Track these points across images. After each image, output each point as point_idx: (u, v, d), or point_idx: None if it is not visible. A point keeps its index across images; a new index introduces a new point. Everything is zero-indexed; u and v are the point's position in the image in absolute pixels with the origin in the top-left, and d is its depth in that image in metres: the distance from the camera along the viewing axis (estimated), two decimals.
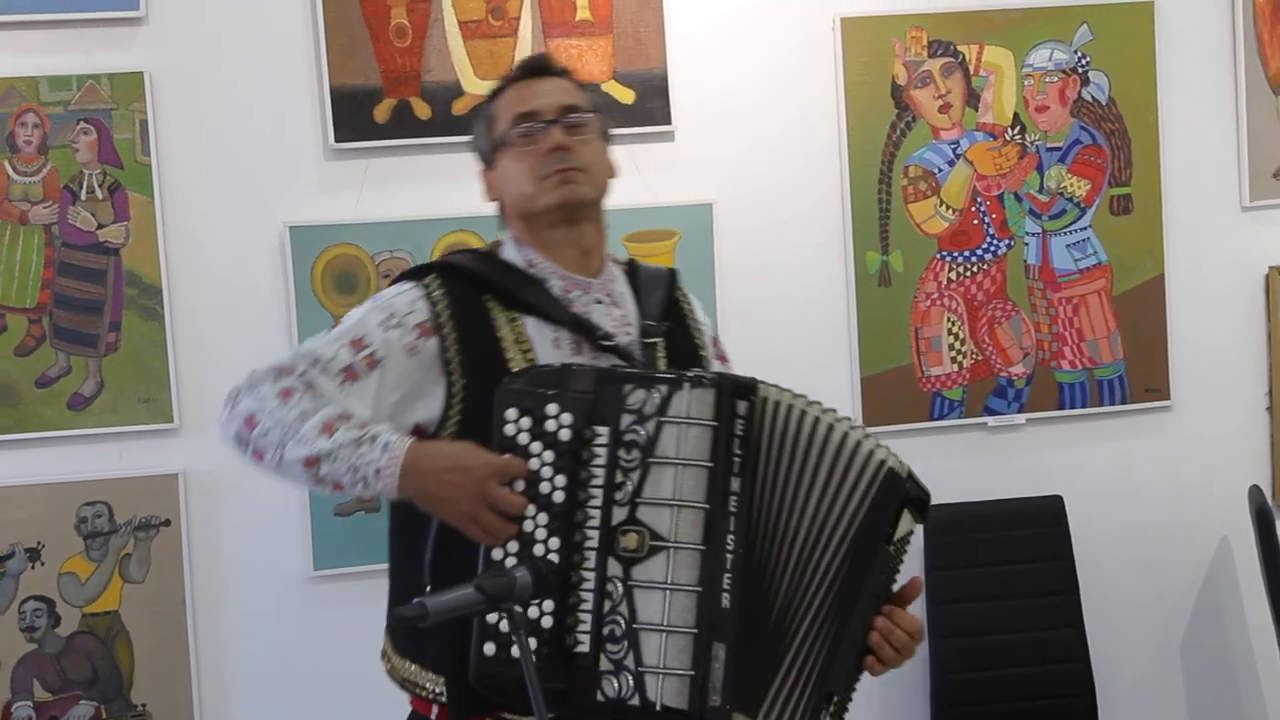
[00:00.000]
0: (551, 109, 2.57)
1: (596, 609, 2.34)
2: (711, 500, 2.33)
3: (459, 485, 2.34)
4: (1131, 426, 4.43)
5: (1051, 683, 4.23)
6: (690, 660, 2.31)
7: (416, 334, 2.49)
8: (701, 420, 2.33)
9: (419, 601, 2.14)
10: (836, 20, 4.21)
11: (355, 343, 2.47)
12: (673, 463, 2.33)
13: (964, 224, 4.30)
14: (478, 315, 2.52)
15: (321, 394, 2.42)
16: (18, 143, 3.89)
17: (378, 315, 2.50)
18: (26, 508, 3.91)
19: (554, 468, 2.36)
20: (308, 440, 2.37)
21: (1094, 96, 4.35)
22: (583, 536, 2.35)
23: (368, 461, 2.35)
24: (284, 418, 2.39)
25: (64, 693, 3.95)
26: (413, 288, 2.53)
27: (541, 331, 2.54)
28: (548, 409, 2.36)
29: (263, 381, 2.43)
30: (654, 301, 2.67)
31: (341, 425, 2.37)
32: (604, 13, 4.09)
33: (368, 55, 4.00)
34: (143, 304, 3.94)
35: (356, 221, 4.01)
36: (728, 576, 2.33)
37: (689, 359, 2.67)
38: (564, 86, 2.62)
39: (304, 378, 2.43)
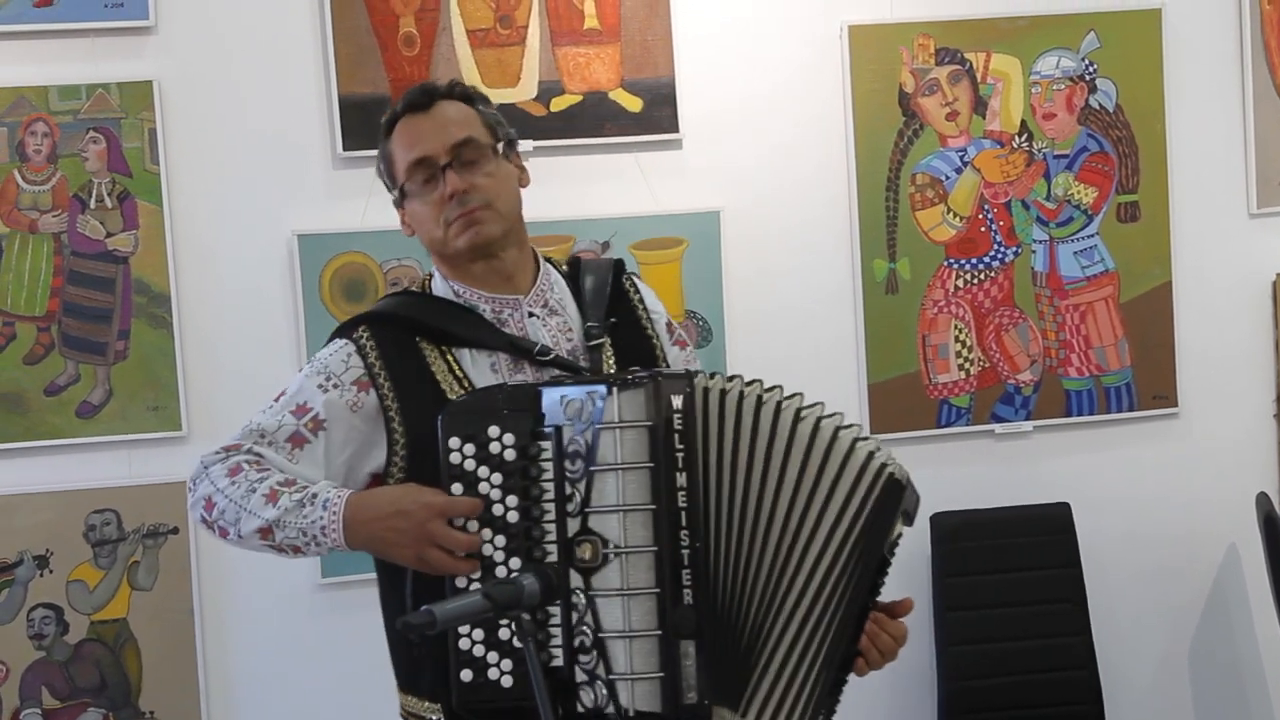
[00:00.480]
0: (442, 151, 2.53)
1: (565, 622, 2.35)
2: (657, 500, 2.32)
3: (402, 530, 2.37)
4: (1139, 434, 4.43)
5: (1059, 690, 4.23)
6: (658, 662, 2.31)
7: (355, 390, 2.52)
8: (636, 422, 2.32)
9: (427, 609, 2.15)
10: (844, 28, 4.22)
11: (298, 409, 2.52)
12: (614, 468, 2.32)
13: (971, 231, 4.30)
14: (410, 358, 2.53)
15: (267, 465, 2.47)
16: (27, 151, 3.90)
17: (316, 378, 2.54)
18: (35, 515, 3.92)
19: (503, 489, 2.36)
20: (256, 511, 2.43)
21: (1101, 104, 4.35)
22: (542, 553, 2.36)
23: (313, 521, 2.40)
24: (234, 493, 2.45)
25: (72, 700, 3.96)
26: (345, 344, 2.56)
27: (478, 360, 2.54)
28: (489, 431, 2.36)
29: (214, 464, 2.49)
30: (598, 301, 2.65)
31: (285, 491, 2.42)
32: (612, 21, 4.10)
33: (376, 64, 4.01)
34: (151, 312, 3.95)
35: (364, 230, 4.02)
36: (686, 573, 2.32)
37: (640, 352, 2.65)
38: (450, 118, 2.56)
39: (250, 453, 2.48)
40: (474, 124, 2.58)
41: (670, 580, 2.32)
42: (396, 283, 4.00)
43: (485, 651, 2.35)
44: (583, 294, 2.66)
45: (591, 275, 2.69)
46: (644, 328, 2.70)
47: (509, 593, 2.20)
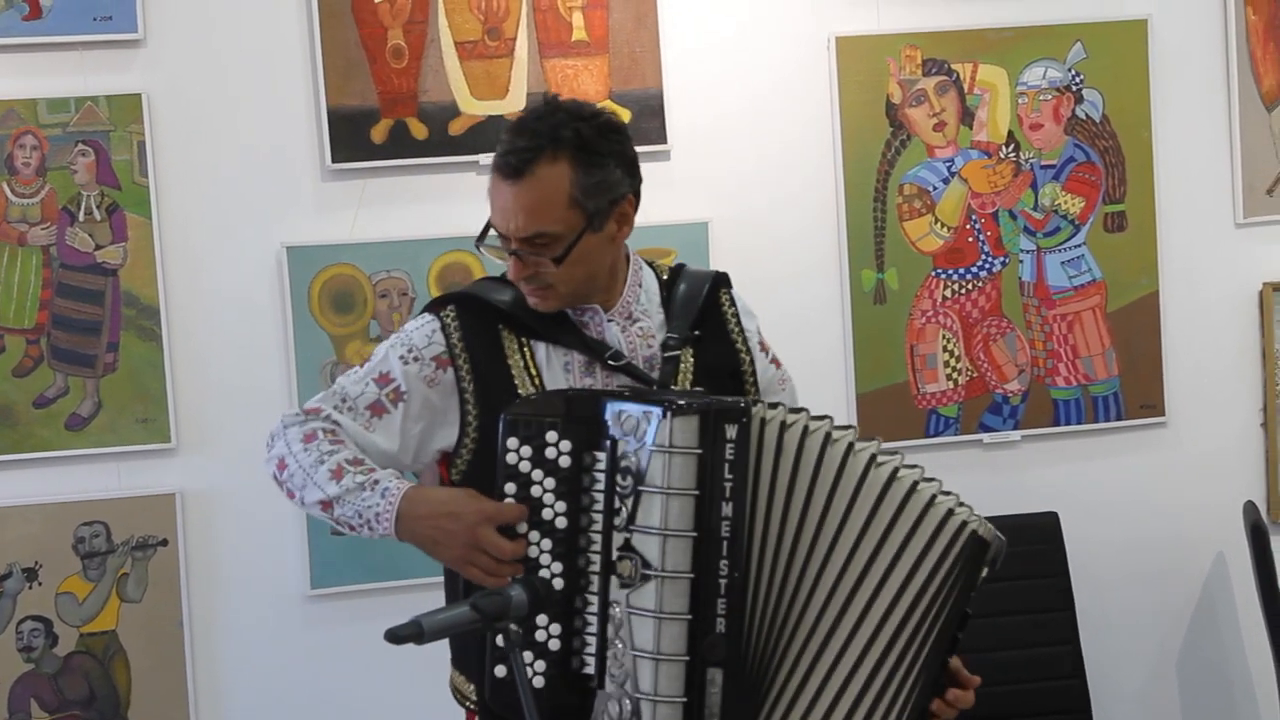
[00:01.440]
0: (513, 236, 2.51)
1: (600, 632, 2.37)
2: (700, 528, 2.33)
3: (451, 532, 2.41)
4: (1126, 443, 4.44)
5: (1047, 699, 4.23)
6: (683, 687, 2.33)
7: (434, 366, 2.56)
8: (686, 449, 2.33)
9: (415, 620, 2.16)
10: (831, 40, 4.23)
11: (381, 378, 2.57)
12: (660, 491, 2.33)
13: (959, 241, 4.31)
14: (490, 345, 2.56)
15: (343, 434, 2.55)
16: (16, 164, 3.90)
17: (399, 349, 2.58)
18: (24, 528, 3.91)
19: (555, 494, 2.40)
20: (321, 484, 2.49)
21: (1088, 114, 4.36)
22: (585, 561, 2.39)
23: (369, 506, 2.45)
24: (304, 461, 2.51)
25: (61, 712, 3.95)
26: (430, 320, 2.60)
27: (552, 357, 2.57)
28: (548, 436, 2.40)
29: (292, 425, 2.57)
30: (685, 311, 2.66)
31: (350, 470, 2.47)
32: (600, 33, 4.11)
33: (365, 76, 4.01)
34: (140, 324, 3.95)
35: (354, 242, 4.02)
36: (722, 602, 2.33)
37: (725, 368, 2.65)
38: (535, 200, 2.47)
39: (328, 420, 2.55)
40: (557, 207, 2.48)
41: (704, 608, 2.33)
42: (386, 294, 4.01)
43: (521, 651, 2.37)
44: (673, 303, 2.67)
45: (685, 284, 2.70)
46: (734, 342, 2.70)
47: (496, 604, 2.21)
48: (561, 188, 2.48)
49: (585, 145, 2.50)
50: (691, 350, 2.63)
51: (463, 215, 4.02)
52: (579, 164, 2.49)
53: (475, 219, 3.97)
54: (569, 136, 2.49)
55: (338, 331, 4.00)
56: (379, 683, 4.03)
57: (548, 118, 2.51)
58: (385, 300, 4.01)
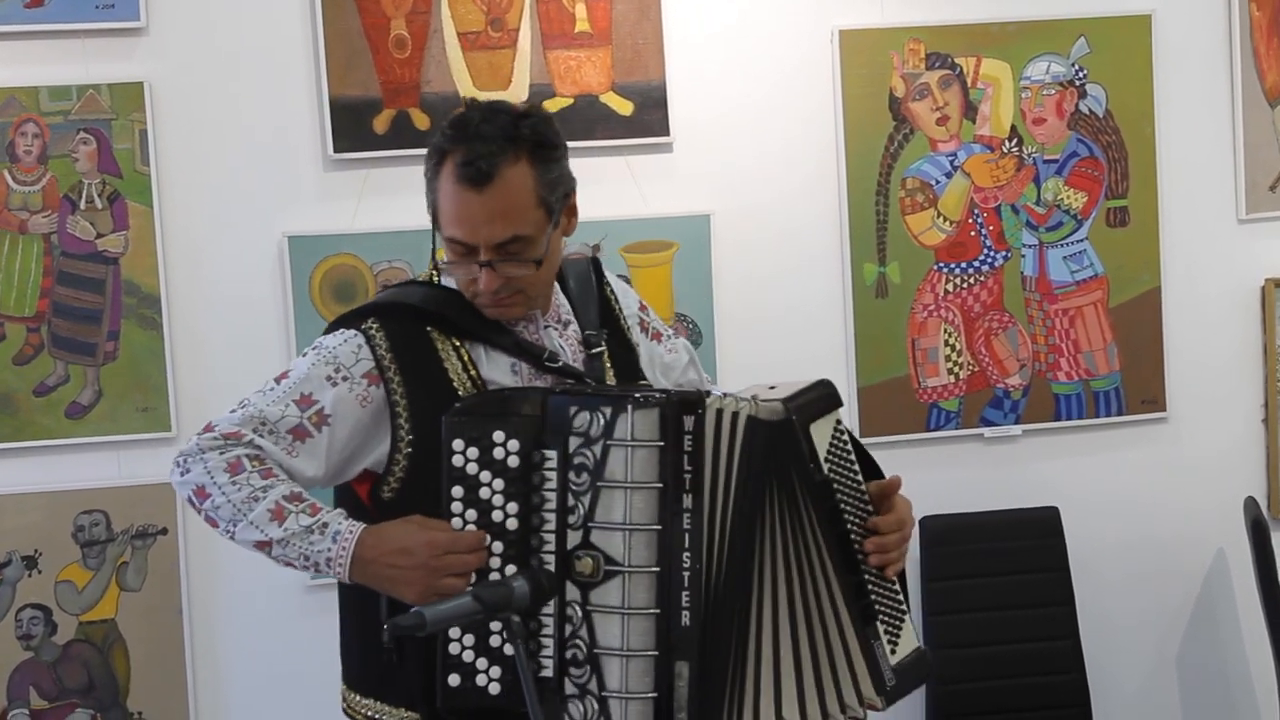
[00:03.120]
0: (485, 247, 2.41)
1: (558, 634, 2.35)
2: (663, 521, 2.32)
3: (405, 569, 2.34)
4: (1127, 438, 4.44)
5: (1047, 693, 4.23)
6: (652, 683, 2.32)
7: (365, 384, 2.45)
8: (648, 441, 2.31)
9: (417, 611, 2.15)
10: (835, 33, 4.22)
11: (302, 400, 2.44)
12: (622, 486, 2.31)
13: (961, 236, 4.31)
14: (421, 352, 2.47)
15: (270, 464, 2.40)
16: (17, 152, 3.90)
17: (324, 368, 2.45)
18: (24, 516, 3.91)
19: (505, 495, 2.36)
20: (259, 525, 2.36)
21: (1091, 109, 4.36)
22: (539, 561, 2.36)
23: (319, 550, 2.36)
24: (234, 496, 2.36)
25: (60, 701, 3.96)
26: (355, 335, 2.48)
27: (494, 360, 2.50)
28: (494, 436, 2.35)
29: (210, 450, 2.40)
30: (587, 306, 2.62)
31: (292, 509, 2.36)
32: (603, 25, 4.10)
33: (367, 66, 4.01)
34: (141, 313, 3.95)
35: (355, 231, 4.02)
36: (686, 594, 2.32)
37: (625, 362, 2.63)
38: (506, 205, 2.39)
39: (251, 445, 2.40)
40: (527, 209, 2.42)
41: (670, 601, 2.32)
42: (387, 284, 4.00)
43: (475, 657, 2.35)
44: (575, 301, 2.63)
45: (574, 279, 2.66)
46: (626, 336, 2.67)
47: (499, 595, 2.20)
48: (527, 187, 2.42)
49: (541, 141, 2.45)
50: (604, 345, 2.61)
51: None
52: (538, 161, 2.44)
53: None
54: (526, 135, 2.43)
55: None
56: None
57: (493, 119, 2.43)
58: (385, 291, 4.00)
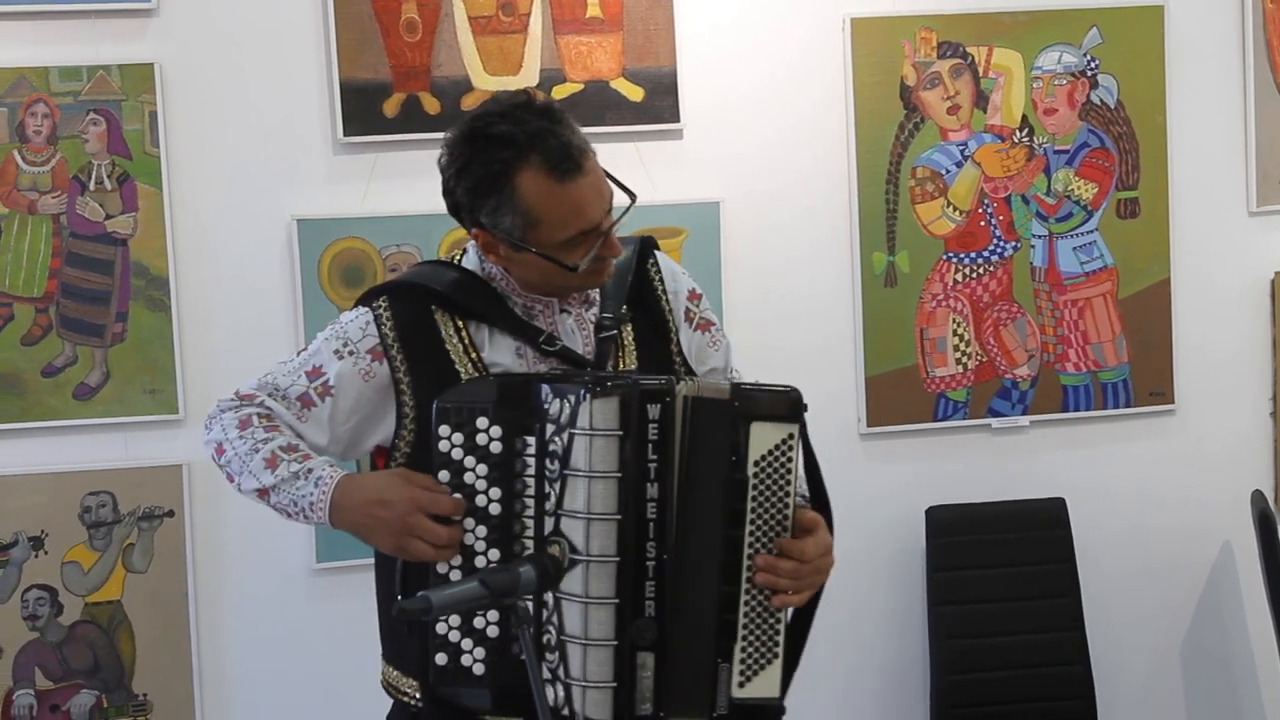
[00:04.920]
0: (603, 217, 2.48)
1: (536, 618, 2.35)
2: (624, 510, 2.31)
3: (383, 519, 2.38)
4: (1135, 430, 4.44)
5: (1052, 685, 4.23)
6: (612, 672, 2.31)
7: (369, 359, 2.51)
8: (607, 431, 2.30)
9: (423, 595, 2.15)
10: (846, 21, 4.21)
11: (312, 371, 2.53)
12: (584, 475, 2.31)
13: (971, 225, 4.30)
14: (425, 331, 2.52)
15: (277, 422, 2.51)
16: (27, 132, 3.90)
17: (334, 342, 2.54)
18: (31, 497, 3.92)
19: (488, 481, 2.38)
20: (256, 473, 2.47)
21: (1102, 100, 4.35)
22: (520, 547, 2.37)
23: (304, 495, 2.43)
24: (240, 448, 2.49)
25: (65, 681, 3.96)
26: (364, 312, 2.55)
27: (499, 343, 2.53)
28: (478, 423, 2.37)
29: (227, 409, 2.53)
30: (618, 289, 2.62)
31: (285, 459, 2.45)
32: (614, 10, 4.10)
33: (377, 50, 4.00)
34: (150, 295, 3.95)
35: (364, 215, 4.02)
36: (650, 584, 2.32)
37: (656, 345, 2.62)
38: (600, 179, 2.48)
39: (262, 405, 2.52)
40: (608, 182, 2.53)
41: (631, 591, 2.31)
42: (396, 268, 4.00)
43: (460, 638, 2.37)
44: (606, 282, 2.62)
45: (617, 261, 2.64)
46: (665, 318, 2.66)
47: (506, 580, 2.20)
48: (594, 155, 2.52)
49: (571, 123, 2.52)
50: (631, 327, 2.61)
51: None
52: None
53: None
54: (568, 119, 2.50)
55: (347, 305, 3.94)
56: None
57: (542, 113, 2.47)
58: (395, 274, 4.00)
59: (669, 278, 2.70)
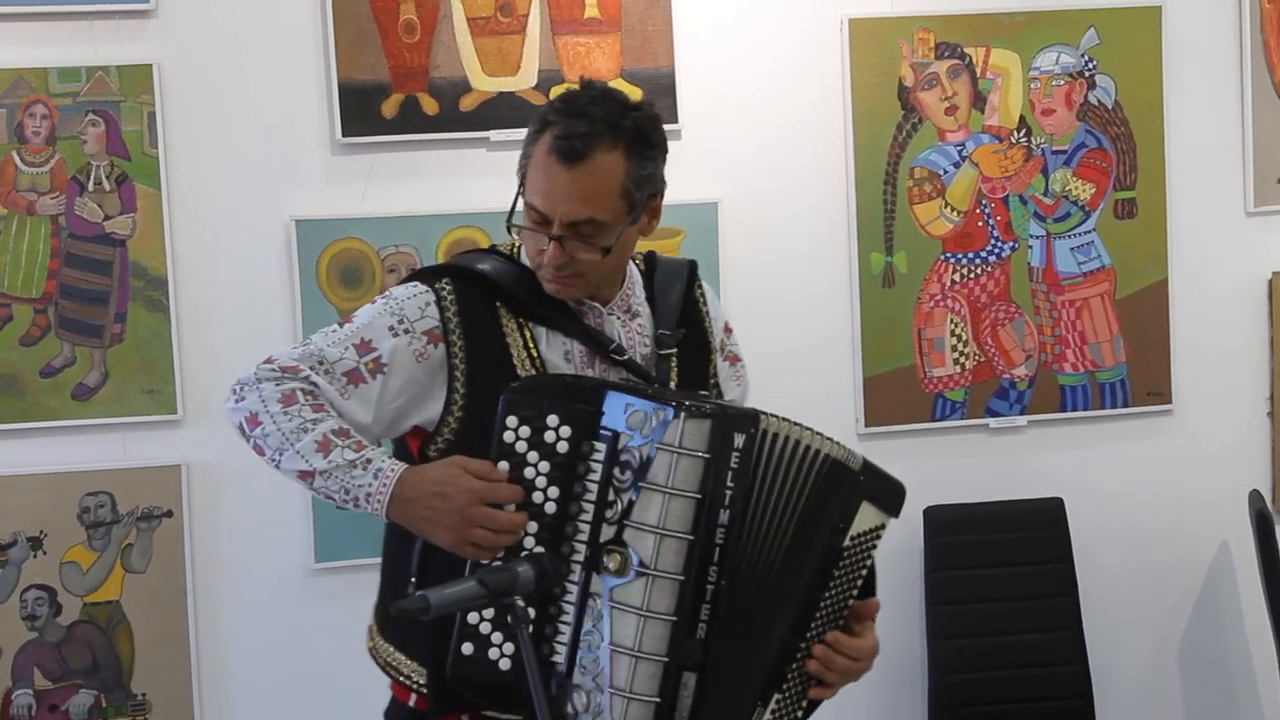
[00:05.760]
0: (559, 223, 2.42)
1: (576, 622, 2.36)
2: (696, 532, 2.32)
3: (442, 510, 2.35)
4: (1133, 430, 4.44)
5: (1049, 684, 4.24)
6: (658, 687, 2.32)
7: (425, 340, 2.46)
8: (694, 451, 2.31)
9: (421, 594, 2.15)
10: (844, 21, 4.22)
11: (362, 345, 2.45)
12: (662, 490, 2.31)
13: (968, 226, 4.31)
14: (487, 322, 2.49)
15: (323, 399, 2.42)
16: (26, 133, 3.90)
17: (388, 318, 2.47)
18: (29, 497, 3.92)
19: (548, 478, 2.36)
20: (305, 455, 2.38)
21: (1100, 100, 4.35)
22: (570, 549, 2.36)
23: (359, 485, 2.37)
24: (284, 425, 2.39)
25: (64, 681, 3.97)
26: (425, 291, 2.49)
27: (552, 343, 2.51)
28: (549, 419, 2.36)
29: (267, 380, 2.43)
30: (670, 306, 2.62)
31: (338, 444, 2.38)
32: (612, 11, 4.10)
33: (376, 50, 4.00)
34: (148, 295, 3.95)
35: (362, 216, 4.02)
36: (706, 608, 2.32)
37: (699, 366, 2.63)
38: (588, 188, 2.41)
39: (307, 380, 2.42)
40: (610, 197, 2.43)
41: (689, 611, 2.32)
42: (394, 269, 4.01)
43: (491, 630, 2.36)
44: (657, 297, 2.63)
45: (664, 276, 2.66)
46: (708, 341, 2.67)
47: (504, 580, 2.20)
48: (616, 177, 2.42)
49: (641, 136, 2.45)
50: (678, 347, 2.61)
51: (472, 191, 4.03)
52: (634, 155, 2.44)
53: (485, 195, 4.00)
54: (628, 126, 2.43)
55: (345, 305, 3.99)
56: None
57: (603, 103, 2.45)
58: (394, 275, 4.00)
59: (712, 304, 2.72)
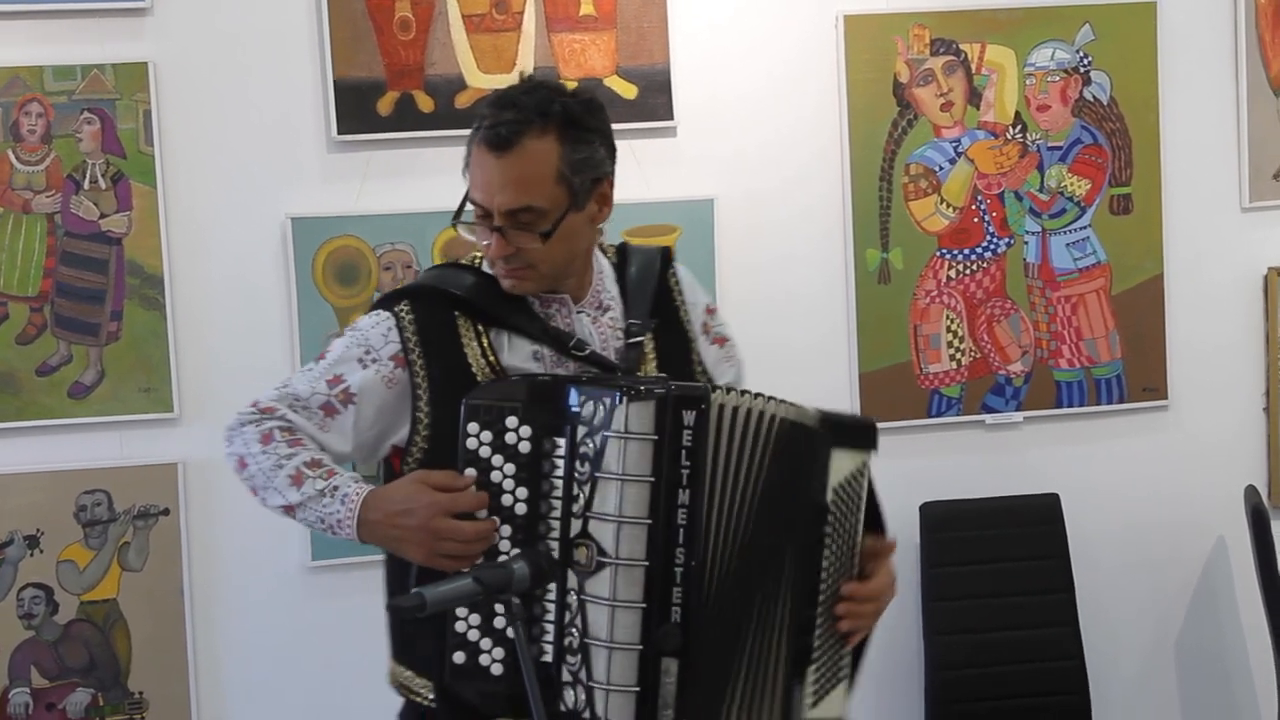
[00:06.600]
0: (498, 211, 2.43)
1: (558, 620, 2.35)
2: (655, 516, 2.31)
3: (410, 528, 2.37)
4: (1129, 426, 4.44)
5: (1046, 680, 4.24)
6: (636, 676, 2.31)
7: (392, 365, 2.50)
8: (641, 434, 2.30)
9: (417, 592, 2.16)
10: (839, 18, 4.22)
11: (333, 380, 2.51)
12: (616, 477, 2.31)
13: (964, 222, 4.31)
14: (445, 335, 2.50)
15: (300, 435, 2.49)
16: (21, 131, 3.90)
17: (356, 350, 2.52)
18: (26, 495, 3.92)
19: (515, 480, 2.37)
20: (281, 490, 2.45)
21: (1095, 96, 4.35)
22: (545, 548, 2.36)
23: (330, 513, 2.42)
24: (264, 464, 2.46)
25: (61, 680, 3.96)
26: (387, 317, 2.53)
27: (519, 346, 2.52)
28: (507, 421, 2.37)
29: (249, 423, 2.50)
30: (641, 296, 2.62)
31: (310, 476, 2.43)
32: (607, 8, 4.10)
33: (371, 48, 4.00)
34: (144, 294, 3.95)
35: (358, 213, 4.02)
36: (678, 590, 2.31)
37: (677, 356, 2.62)
38: (523, 174, 2.42)
39: (283, 419, 2.49)
40: (545, 182, 2.43)
41: (659, 597, 2.31)
42: (390, 266, 4.01)
43: (479, 637, 2.36)
44: (628, 288, 2.63)
45: (637, 267, 2.65)
46: (684, 329, 2.66)
47: (499, 576, 2.20)
48: (549, 162, 2.43)
49: (573, 121, 2.45)
50: (652, 335, 2.60)
51: None
52: (566, 139, 2.44)
53: None
54: (557, 111, 2.44)
55: (341, 303, 4.00)
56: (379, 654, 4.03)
57: (533, 93, 2.47)
58: (389, 273, 4.01)
59: (688, 289, 2.71)
